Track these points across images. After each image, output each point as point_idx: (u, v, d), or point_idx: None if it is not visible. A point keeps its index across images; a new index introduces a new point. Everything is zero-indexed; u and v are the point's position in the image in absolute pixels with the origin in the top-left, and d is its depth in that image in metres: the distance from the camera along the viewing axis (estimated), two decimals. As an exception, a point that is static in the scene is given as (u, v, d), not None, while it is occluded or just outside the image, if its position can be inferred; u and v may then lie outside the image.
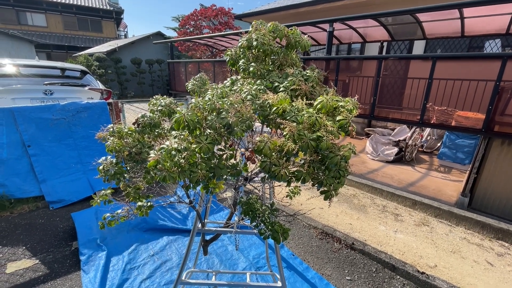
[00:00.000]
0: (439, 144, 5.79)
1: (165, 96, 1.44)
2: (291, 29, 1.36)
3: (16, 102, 4.00)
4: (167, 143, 0.93)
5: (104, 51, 15.21)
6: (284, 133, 0.94)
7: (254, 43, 1.23)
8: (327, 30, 5.20)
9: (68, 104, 3.77)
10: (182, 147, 0.90)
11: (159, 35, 17.69)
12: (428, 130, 5.97)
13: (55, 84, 4.43)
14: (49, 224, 3.08)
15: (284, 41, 1.38)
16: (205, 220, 1.92)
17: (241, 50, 1.34)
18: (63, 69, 4.84)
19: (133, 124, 1.30)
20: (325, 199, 1.02)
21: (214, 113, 0.96)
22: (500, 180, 3.40)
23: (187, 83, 1.45)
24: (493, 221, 3.17)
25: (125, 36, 27.27)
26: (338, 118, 0.97)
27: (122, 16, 24.81)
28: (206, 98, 0.99)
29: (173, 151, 0.89)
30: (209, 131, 0.95)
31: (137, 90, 16.49)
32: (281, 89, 1.15)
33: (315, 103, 1.02)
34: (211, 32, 15.79)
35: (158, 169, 0.90)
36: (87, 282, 2.27)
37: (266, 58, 1.34)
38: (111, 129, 1.23)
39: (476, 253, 2.83)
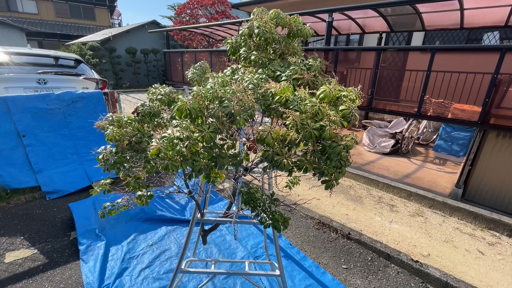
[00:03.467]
0: (435, 137, 5.85)
1: (164, 85, 1.42)
2: (293, 17, 1.33)
3: (9, 91, 3.91)
4: (169, 131, 0.92)
5: (98, 40, 14.85)
6: (287, 123, 0.94)
7: (256, 31, 1.21)
8: (326, 21, 5.14)
9: (62, 94, 3.70)
10: (184, 135, 0.89)
11: (154, 24, 17.28)
12: (424, 122, 6.01)
13: (48, 73, 4.33)
14: (47, 215, 3.07)
15: (286, 29, 1.36)
16: (204, 210, 1.92)
17: (242, 38, 1.32)
18: (56, 58, 4.73)
19: (133, 113, 1.29)
20: (326, 188, 1.03)
21: (216, 102, 0.95)
22: (494, 172, 3.46)
23: (186, 72, 1.42)
24: (486, 212, 3.25)
25: (119, 25, 26.60)
26: (341, 107, 0.97)
27: (115, 4, 24.14)
28: (208, 86, 0.97)
29: (175, 140, 0.88)
30: (211, 119, 0.94)
31: (132, 80, 16.22)
32: (283, 78, 1.14)
33: (318, 93, 1.02)
34: (207, 21, 15.49)
35: (160, 157, 0.90)
36: (86, 271, 2.28)
37: (268, 47, 1.32)
38: (110, 118, 1.22)
39: (468, 243, 2.91)
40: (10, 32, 15.07)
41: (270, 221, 1.17)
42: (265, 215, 1.18)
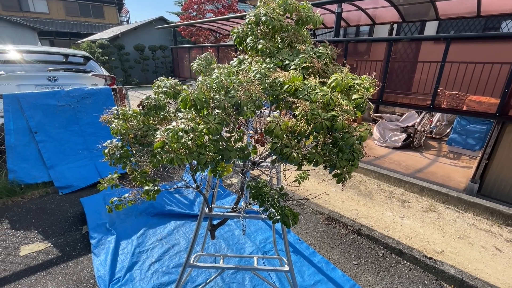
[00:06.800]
0: (448, 130, 5.66)
1: (169, 77, 1.39)
2: (302, 4, 1.27)
3: (21, 88, 3.99)
4: (174, 123, 0.89)
5: (107, 38, 15.02)
6: (297, 113, 0.89)
7: (263, 18, 1.16)
8: (335, 12, 5.00)
9: (72, 90, 3.74)
10: (190, 127, 0.86)
11: (161, 20, 17.34)
12: (437, 115, 5.82)
13: (58, 70, 4.39)
14: (59, 209, 3.13)
15: (294, 17, 1.30)
16: (212, 205, 1.91)
17: (249, 27, 1.27)
18: (66, 55, 4.79)
19: (138, 106, 1.27)
20: (338, 182, 0.98)
21: (222, 92, 0.92)
22: (513, 166, 3.31)
23: (192, 63, 1.39)
24: (503, 208, 3.12)
25: (128, 22, 26.83)
26: (354, 96, 0.91)
27: (123, 1, 24.32)
28: (214, 76, 0.93)
29: (180, 132, 0.85)
30: (217, 111, 0.90)
31: (141, 77, 16.38)
32: (291, 67, 1.09)
33: (329, 81, 0.96)
34: (214, 16, 15.39)
35: (164, 150, 0.87)
36: (98, 265, 2.32)
37: (275, 35, 1.27)
38: (115, 112, 1.20)
39: (484, 239, 2.80)
40: (23, 32, 15.41)
41: (279, 216, 1.14)
42: (274, 210, 1.14)
